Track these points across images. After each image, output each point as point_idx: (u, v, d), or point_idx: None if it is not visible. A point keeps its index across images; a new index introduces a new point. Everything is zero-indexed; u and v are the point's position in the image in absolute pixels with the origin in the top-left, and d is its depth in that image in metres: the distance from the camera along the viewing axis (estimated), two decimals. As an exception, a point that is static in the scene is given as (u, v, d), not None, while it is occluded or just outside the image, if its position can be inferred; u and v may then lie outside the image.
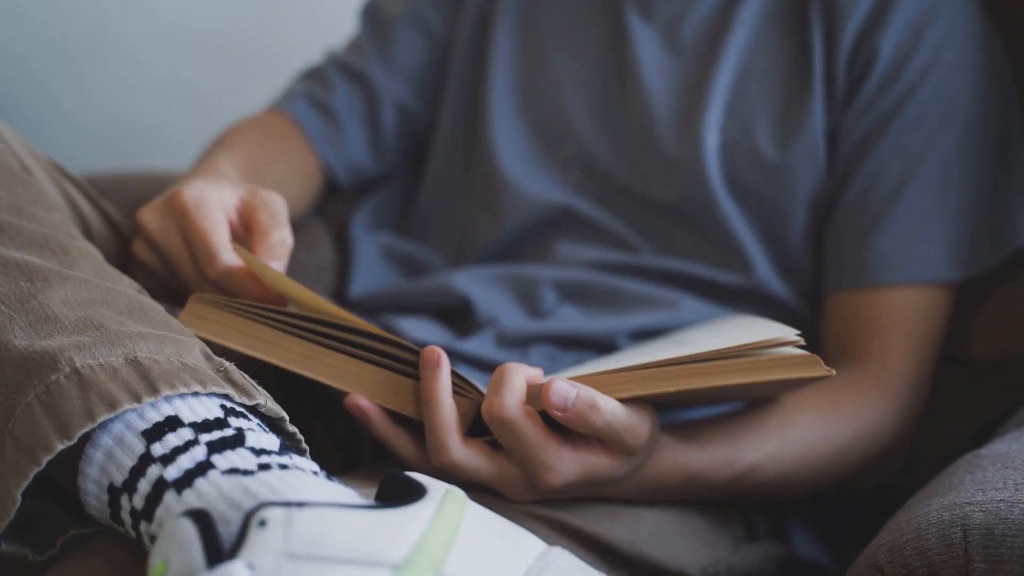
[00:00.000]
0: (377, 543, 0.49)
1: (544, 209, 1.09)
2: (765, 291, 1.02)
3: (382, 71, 1.18)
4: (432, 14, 1.20)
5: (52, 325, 0.61)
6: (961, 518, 0.62)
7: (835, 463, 0.90)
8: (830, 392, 0.92)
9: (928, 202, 0.99)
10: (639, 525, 0.80)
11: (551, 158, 1.11)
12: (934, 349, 0.99)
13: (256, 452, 0.56)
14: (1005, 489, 0.64)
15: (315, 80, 1.20)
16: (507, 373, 0.71)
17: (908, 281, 0.98)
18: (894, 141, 0.99)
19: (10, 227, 0.68)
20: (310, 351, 0.72)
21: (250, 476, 0.54)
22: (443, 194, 1.19)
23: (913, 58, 0.99)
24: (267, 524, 0.48)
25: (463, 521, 0.53)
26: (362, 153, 1.20)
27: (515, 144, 1.12)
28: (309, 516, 0.49)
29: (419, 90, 1.20)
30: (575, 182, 1.09)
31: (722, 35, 1.05)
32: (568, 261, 1.06)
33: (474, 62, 1.17)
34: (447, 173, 1.19)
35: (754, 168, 1.02)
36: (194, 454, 0.55)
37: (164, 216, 0.82)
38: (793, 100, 1.02)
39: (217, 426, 0.57)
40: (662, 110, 1.06)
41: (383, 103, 1.18)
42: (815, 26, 1.02)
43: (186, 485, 0.54)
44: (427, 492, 0.54)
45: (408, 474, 0.56)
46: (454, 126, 1.18)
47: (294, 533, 0.48)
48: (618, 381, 0.70)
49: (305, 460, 0.58)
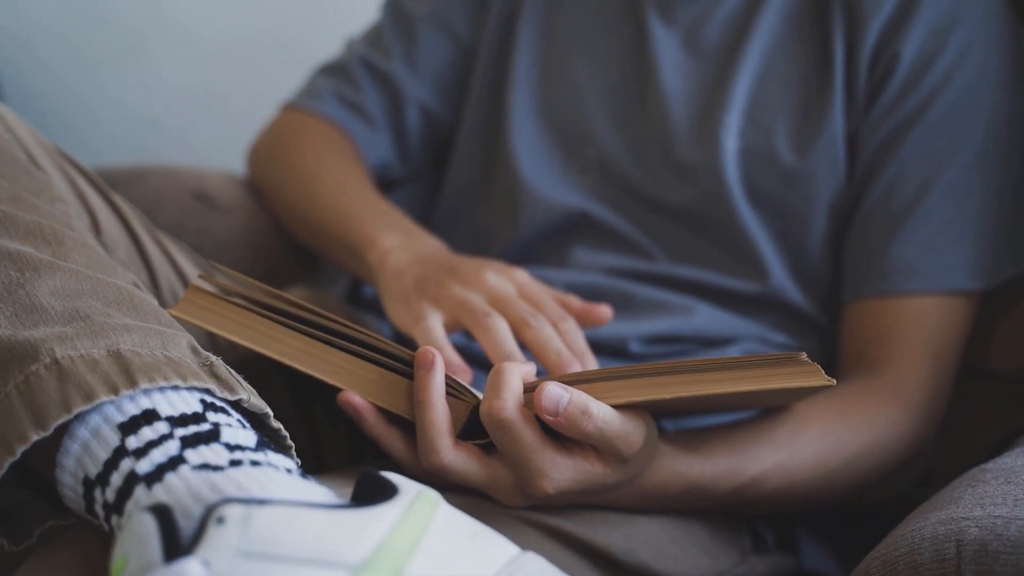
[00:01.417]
0: (337, 543, 0.48)
1: (561, 214, 1.08)
2: (781, 298, 1.01)
3: (407, 72, 1.18)
4: (457, 16, 1.19)
5: (37, 315, 0.61)
6: (956, 533, 0.60)
7: (846, 475, 0.88)
8: (843, 402, 0.90)
9: (949, 210, 0.96)
10: (637, 533, 0.78)
11: (570, 163, 1.10)
12: (953, 360, 0.97)
13: (230, 448, 0.56)
14: (1004, 505, 0.62)
15: (340, 77, 1.19)
16: (504, 373, 0.69)
17: (928, 290, 0.96)
18: (915, 147, 0.97)
19: (6, 217, 0.68)
20: (307, 346, 0.72)
21: (219, 472, 0.53)
22: (463, 197, 1.18)
23: (936, 63, 0.97)
24: (225, 521, 0.48)
25: (431, 523, 0.52)
26: (389, 154, 1.20)
27: (534, 148, 1.11)
28: (268, 514, 0.48)
29: (443, 92, 1.20)
30: (593, 187, 1.08)
31: (743, 38, 1.04)
32: (583, 266, 1.05)
33: (497, 65, 1.17)
34: (468, 176, 1.18)
35: (773, 173, 1.00)
36: (167, 448, 0.55)
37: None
38: (813, 104, 1.01)
39: (194, 421, 0.57)
40: (680, 114, 1.04)
41: (408, 105, 1.18)
42: (836, 29, 1.00)
43: (156, 479, 0.53)
44: (398, 493, 0.53)
45: (383, 474, 0.55)
46: (475, 129, 1.18)
47: (252, 531, 0.47)
48: (613, 387, 0.69)
49: (281, 457, 0.58)
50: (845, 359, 0.99)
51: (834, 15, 1.01)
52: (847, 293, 1.00)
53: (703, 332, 0.99)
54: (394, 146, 1.19)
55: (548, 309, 0.83)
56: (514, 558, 0.54)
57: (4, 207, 0.69)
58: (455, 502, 0.71)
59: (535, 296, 0.85)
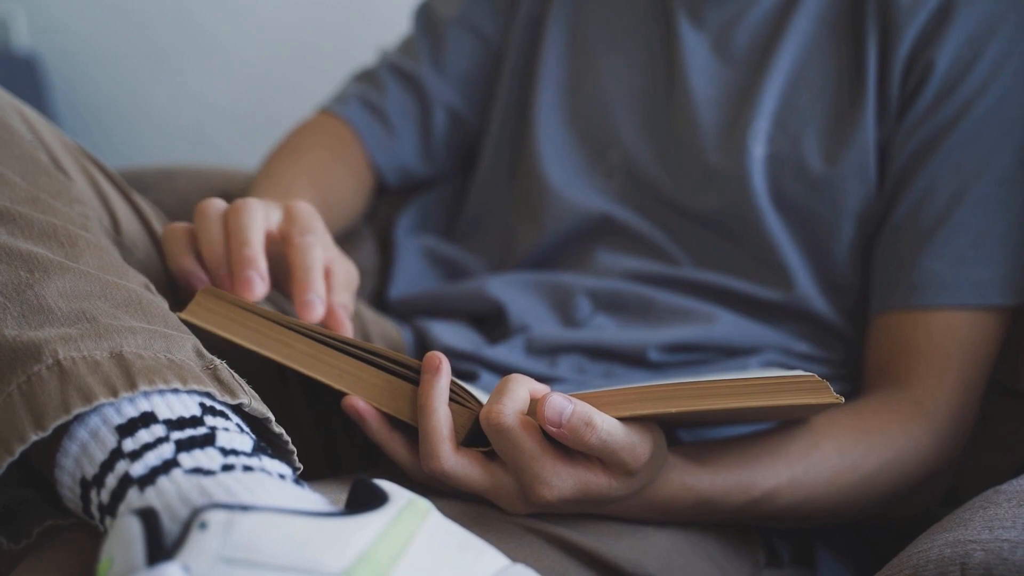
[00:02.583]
0: (319, 551, 0.48)
1: (585, 217, 1.07)
2: (805, 308, 0.99)
3: (434, 75, 1.18)
4: (486, 18, 1.19)
5: (44, 316, 0.62)
6: (961, 556, 0.59)
7: (863, 492, 0.87)
8: (863, 417, 0.89)
9: (981, 223, 0.95)
10: (645, 545, 0.77)
11: (595, 166, 1.09)
12: (981, 377, 0.95)
13: (225, 452, 0.56)
14: (1013, 528, 0.61)
15: (368, 82, 1.20)
16: (510, 383, 0.69)
17: (958, 305, 0.94)
18: (947, 158, 0.95)
19: (22, 217, 0.68)
20: (314, 350, 0.72)
21: (210, 476, 0.53)
22: (489, 199, 1.18)
23: (971, 72, 0.95)
24: (207, 526, 0.48)
25: (419, 533, 0.51)
26: (412, 156, 1.20)
27: (560, 151, 1.10)
28: (251, 521, 0.48)
29: (470, 95, 1.20)
30: (618, 191, 1.07)
31: (774, 43, 1.03)
32: (606, 270, 1.05)
33: (525, 67, 1.16)
34: (494, 178, 1.18)
35: (800, 181, 0.99)
36: (161, 451, 0.55)
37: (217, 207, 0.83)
38: (844, 112, 0.99)
39: (191, 424, 0.57)
40: (708, 119, 1.03)
41: (434, 107, 1.18)
42: (870, 36, 0.99)
43: (149, 482, 0.54)
44: (388, 501, 0.53)
45: (375, 482, 0.55)
46: (502, 131, 1.17)
47: (233, 537, 0.47)
48: (618, 399, 0.68)
49: (276, 463, 0.57)
50: (870, 373, 0.98)
51: (868, 22, 0.99)
52: (874, 305, 0.98)
53: (725, 340, 0.98)
54: (419, 148, 1.19)
55: None
56: (503, 569, 0.53)
57: (21, 208, 0.70)
58: (458, 509, 0.71)
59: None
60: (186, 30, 2.20)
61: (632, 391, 0.69)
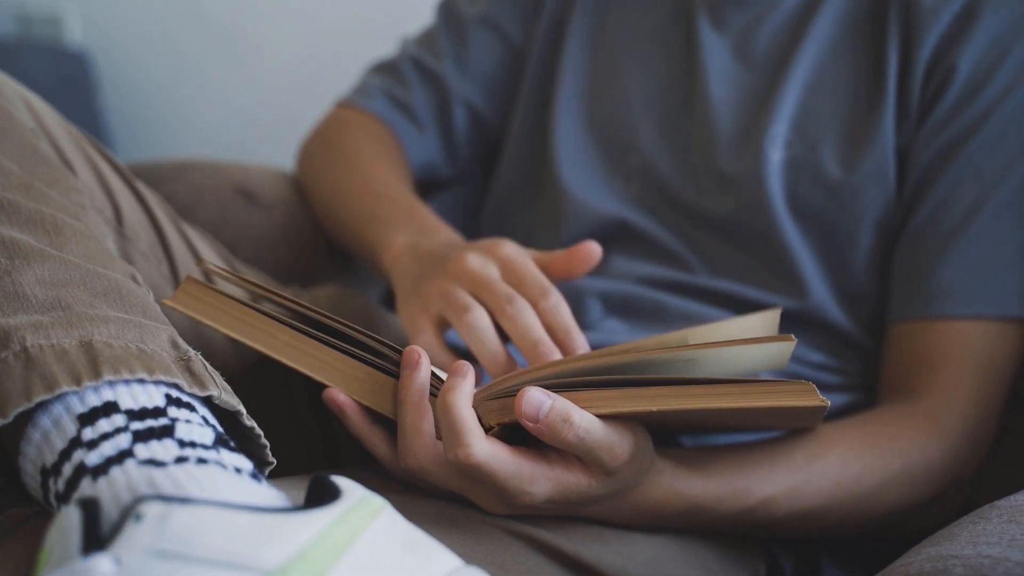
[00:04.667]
0: (255, 547, 0.47)
1: (601, 222, 1.06)
2: (820, 317, 0.97)
3: (457, 73, 1.17)
4: (509, 18, 1.18)
5: (19, 303, 0.62)
6: (941, 572, 0.57)
7: (868, 504, 0.84)
8: (872, 427, 0.86)
9: (1002, 231, 0.92)
10: (632, 551, 0.76)
11: (614, 170, 1.07)
12: (1000, 390, 0.92)
13: (182, 444, 0.55)
14: (998, 545, 0.58)
15: (390, 76, 1.19)
16: (453, 412, 0.66)
17: (976, 315, 0.91)
18: (967, 164, 0.93)
19: (10, 205, 0.69)
20: (297, 341, 0.71)
21: (160, 468, 0.53)
22: (509, 200, 1.17)
23: (994, 77, 0.93)
24: (142, 518, 0.47)
25: (365, 532, 0.50)
26: (437, 154, 1.19)
27: (578, 155, 1.09)
28: (187, 514, 0.48)
29: (492, 94, 1.19)
30: (635, 196, 1.05)
31: (794, 47, 1.00)
32: (620, 275, 1.03)
33: (546, 69, 1.15)
34: (513, 180, 1.17)
35: (817, 186, 0.97)
36: (118, 442, 0.55)
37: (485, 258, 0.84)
38: (863, 117, 0.97)
39: (152, 415, 0.57)
40: (726, 123, 1.01)
41: (456, 105, 1.17)
42: (891, 40, 0.96)
43: (103, 472, 0.53)
44: (339, 497, 0.52)
45: (332, 478, 0.54)
46: (522, 132, 1.16)
47: (167, 530, 0.46)
48: (599, 396, 0.67)
49: (236, 456, 0.57)
50: (884, 383, 0.95)
51: (890, 24, 0.97)
52: (892, 314, 0.96)
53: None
54: (441, 146, 1.19)
55: (529, 285, 0.82)
56: (455, 570, 0.52)
57: (11, 195, 0.70)
58: (435, 508, 0.70)
59: (518, 272, 0.83)
60: (244, 12, 2.22)
61: (613, 391, 0.67)
